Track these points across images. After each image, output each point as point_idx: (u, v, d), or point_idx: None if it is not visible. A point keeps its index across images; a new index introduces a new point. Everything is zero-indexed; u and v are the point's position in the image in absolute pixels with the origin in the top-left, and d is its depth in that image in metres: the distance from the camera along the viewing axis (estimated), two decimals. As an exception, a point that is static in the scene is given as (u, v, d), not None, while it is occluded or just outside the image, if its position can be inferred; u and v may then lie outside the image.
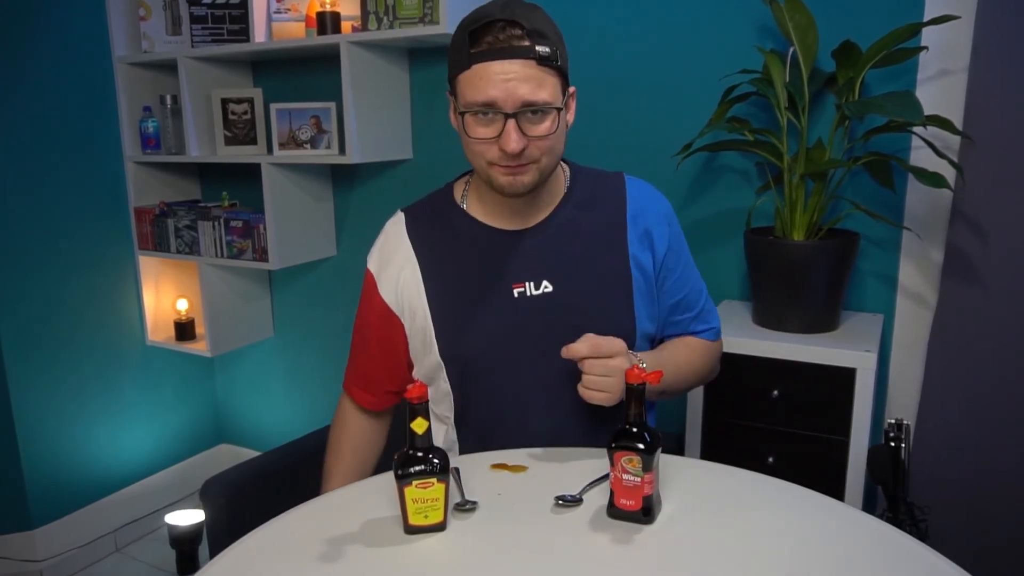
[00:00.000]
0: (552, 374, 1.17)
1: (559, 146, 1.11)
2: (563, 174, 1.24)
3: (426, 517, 0.93)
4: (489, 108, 1.04)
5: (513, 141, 1.04)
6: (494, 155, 1.08)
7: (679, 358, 1.25)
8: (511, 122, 1.04)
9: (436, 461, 0.92)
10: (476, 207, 1.22)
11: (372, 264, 1.26)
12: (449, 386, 1.22)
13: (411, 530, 0.94)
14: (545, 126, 1.06)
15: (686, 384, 1.29)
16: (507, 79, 1.02)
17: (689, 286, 1.27)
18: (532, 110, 1.05)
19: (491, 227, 1.20)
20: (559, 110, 1.07)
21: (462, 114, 1.07)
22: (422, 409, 0.92)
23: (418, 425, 0.92)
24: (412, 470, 0.92)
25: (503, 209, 1.19)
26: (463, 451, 1.24)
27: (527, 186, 1.10)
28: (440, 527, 0.94)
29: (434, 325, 1.19)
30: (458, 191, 1.25)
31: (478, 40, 1.04)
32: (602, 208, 1.22)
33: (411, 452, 0.92)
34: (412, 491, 0.92)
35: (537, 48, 1.03)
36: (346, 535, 0.94)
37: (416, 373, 1.27)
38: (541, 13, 1.07)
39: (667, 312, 1.26)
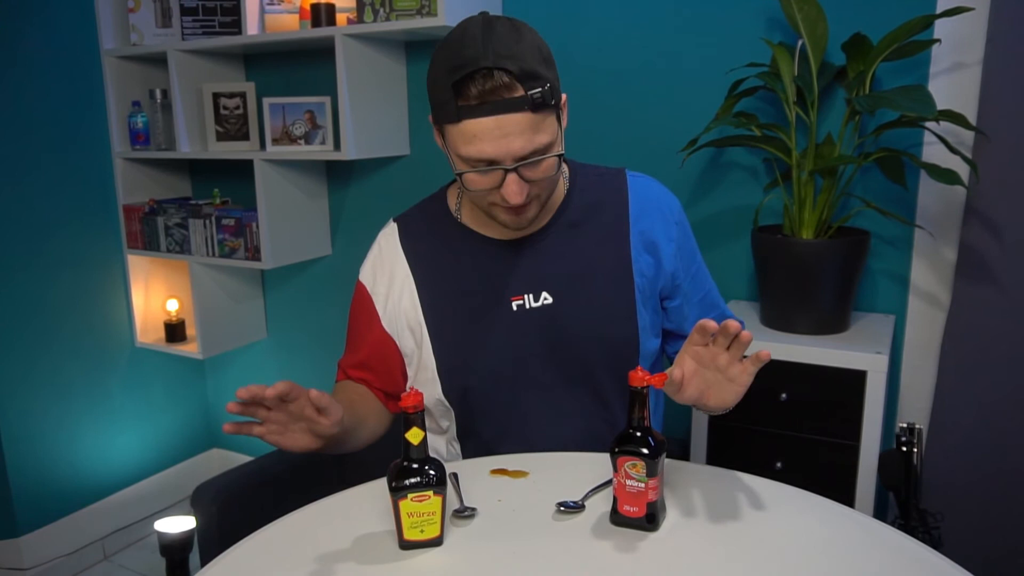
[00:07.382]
0: (554, 387, 1.14)
1: (558, 172, 1.07)
2: (562, 175, 1.19)
3: (422, 532, 0.89)
4: (486, 165, 1.00)
5: (515, 194, 1.01)
6: (495, 199, 1.05)
7: None
8: (511, 175, 1.00)
9: (432, 473, 0.88)
10: (470, 217, 1.18)
11: (366, 278, 1.21)
12: (449, 402, 1.17)
13: (406, 545, 0.90)
14: (545, 167, 1.03)
15: None
16: (503, 135, 0.97)
17: (708, 284, 1.24)
18: (532, 160, 1.00)
19: (487, 238, 1.17)
20: (559, 156, 1.04)
21: (459, 174, 1.03)
22: (417, 419, 0.87)
23: (413, 435, 0.87)
24: (407, 482, 0.87)
25: None
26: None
27: (531, 220, 1.10)
28: (436, 542, 0.90)
29: (432, 342, 1.15)
30: (452, 199, 1.21)
31: (465, 92, 0.96)
32: (603, 212, 1.17)
33: (406, 463, 0.88)
34: (407, 504, 0.88)
35: (530, 94, 0.96)
36: (341, 541, 0.92)
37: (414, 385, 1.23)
38: (526, 39, 0.99)
39: (695, 312, 1.21)
